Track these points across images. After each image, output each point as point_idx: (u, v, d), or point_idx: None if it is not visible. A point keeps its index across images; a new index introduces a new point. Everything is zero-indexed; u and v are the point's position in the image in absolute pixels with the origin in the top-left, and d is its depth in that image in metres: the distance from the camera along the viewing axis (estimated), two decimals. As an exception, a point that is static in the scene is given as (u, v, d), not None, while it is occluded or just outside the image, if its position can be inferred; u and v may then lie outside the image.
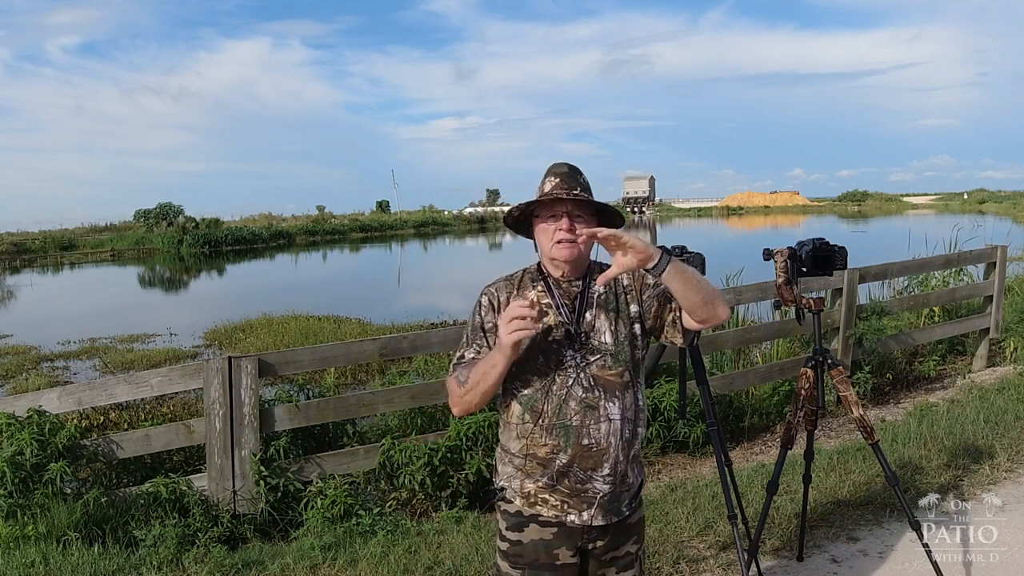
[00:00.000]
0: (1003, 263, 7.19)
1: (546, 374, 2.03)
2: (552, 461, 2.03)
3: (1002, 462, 4.52)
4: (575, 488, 2.03)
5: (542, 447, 2.04)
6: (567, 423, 2.01)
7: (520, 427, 2.06)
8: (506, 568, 2.10)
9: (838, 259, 3.10)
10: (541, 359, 2.04)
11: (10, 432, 3.99)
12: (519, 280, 2.15)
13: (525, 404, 2.05)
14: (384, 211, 79.05)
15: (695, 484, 4.38)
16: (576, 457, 2.01)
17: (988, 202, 69.19)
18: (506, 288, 2.13)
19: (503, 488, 2.13)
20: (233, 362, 4.12)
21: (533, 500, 2.07)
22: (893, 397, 6.48)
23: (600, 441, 2.02)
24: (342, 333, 12.54)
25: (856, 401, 3.11)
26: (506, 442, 2.13)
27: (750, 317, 7.89)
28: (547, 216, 2.07)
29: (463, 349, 2.13)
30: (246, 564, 3.60)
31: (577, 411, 2.01)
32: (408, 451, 4.38)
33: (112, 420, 5.85)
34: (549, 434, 2.03)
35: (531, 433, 2.04)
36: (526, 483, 2.07)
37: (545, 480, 2.04)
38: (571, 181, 2.06)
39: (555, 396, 2.02)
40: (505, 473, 2.13)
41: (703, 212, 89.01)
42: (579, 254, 2.07)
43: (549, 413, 2.02)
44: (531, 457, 2.06)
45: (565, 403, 2.02)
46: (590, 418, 2.01)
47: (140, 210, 51.73)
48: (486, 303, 2.12)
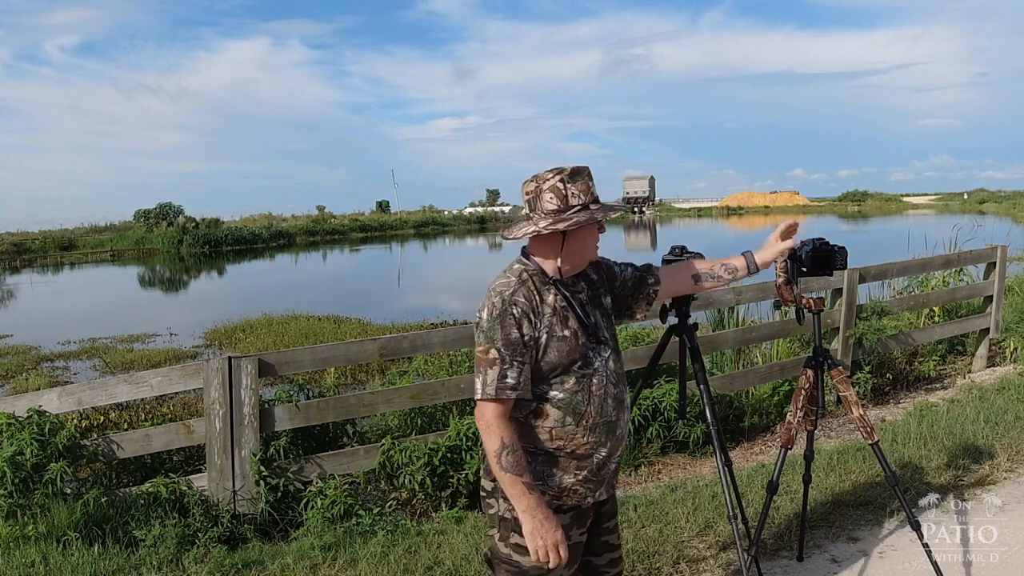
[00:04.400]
0: (1003, 263, 7.19)
1: (583, 377, 2.08)
2: (591, 456, 2.11)
3: (1002, 462, 4.52)
4: (600, 474, 2.15)
5: (583, 445, 2.09)
6: (608, 419, 2.12)
7: (558, 429, 2.06)
8: (530, 562, 2.06)
9: (838, 259, 3.09)
10: (579, 363, 2.07)
11: (10, 432, 3.99)
12: (531, 284, 2.07)
13: (566, 408, 2.06)
14: (384, 211, 79.08)
15: (695, 484, 4.38)
16: (612, 448, 2.15)
17: (988, 202, 69.19)
18: (529, 295, 2.05)
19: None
20: (233, 362, 4.12)
21: (567, 494, 2.11)
22: (893, 397, 6.48)
23: (624, 429, 2.19)
24: (342, 333, 12.55)
25: (856, 401, 3.11)
26: (531, 442, 2.07)
27: (750, 317, 7.89)
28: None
29: (501, 366, 1.97)
30: (246, 564, 3.60)
31: (614, 407, 2.13)
32: (408, 451, 4.38)
33: (112, 420, 5.84)
34: (592, 432, 2.09)
35: (572, 434, 2.07)
36: (564, 478, 2.10)
37: (585, 473, 2.11)
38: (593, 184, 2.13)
39: (596, 397, 2.09)
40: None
41: (703, 212, 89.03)
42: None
43: (592, 413, 2.08)
44: (568, 455, 2.09)
45: (604, 402, 2.11)
46: (620, 409, 2.16)
47: (140, 210, 51.88)
48: (519, 314, 1.99)
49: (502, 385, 1.97)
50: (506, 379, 1.97)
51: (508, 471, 1.97)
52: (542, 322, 2.03)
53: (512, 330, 1.98)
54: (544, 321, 2.04)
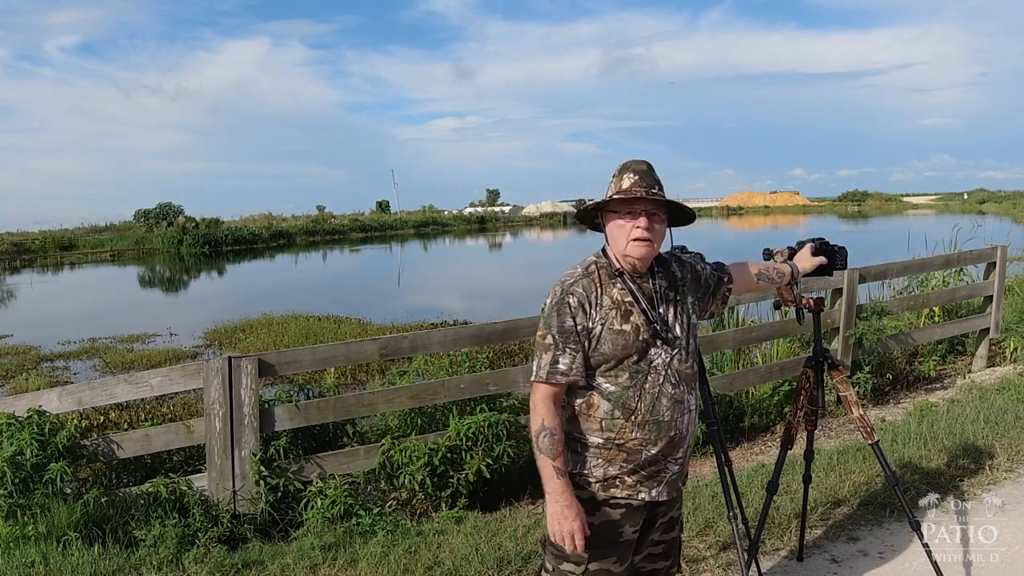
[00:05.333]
0: (1003, 263, 7.18)
1: (637, 373, 2.06)
2: (640, 451, 2.10)
3: (1002, 462, 4.52)
4: (652, 471, 2.12)
5: (631, 440, 2.09)
6: (660, 419, 2.08)
7: (607, 421, 2.08)
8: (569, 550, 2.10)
9: (838, 259, 3.09)
10: (635, 358, 2.06)
11: (10, 432, 3.99)
12: (598, 276, 2.10)
13: (615, 401, 2.07)
14: (384, 211, 79.03)
15: (695, 484, 4.38)
16: (664, 447, 2.11)
17: (988, 202, 69.12)
18: (591, 286, 2.08)
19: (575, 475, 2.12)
20: (233, 362, 4.12)
21: (611, 484, 2.11)
22: (893, 397, 6.48)
23: (683, 431, 2.13)
24: (342, 333, 12.55)
25: (856, 401, 3.11)
26: (582, 432, 2.11)
27: (750, 317, 7.89)
28: (624, 212, 2.07)
29: (554, 352, 2.04)
30: (246, 564, 3.60)
31: (668, 407, 2.09)
32: (408, 451, 4.38)
33: (112, 420, 5.84)
34: (641, 429, 2.08)
35: (620, 428, 2.08)
36: (609, 469, 2.10)
37: (631, 467, 2.10)
38: (649, 179, 2.08)
39: (648, 394, 2.07)
40: (577, 460, 2.12)
41: (703, 212, 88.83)
42: (652, 252, 2.10)
43: (643, 410, 2.07)
44: (617, 447, 2.10)
45: (658, 400, 2.08)
46: (678, 412, 2.11)
47: (140, 210, 51.75)
48: (575, 304, 2.06)
49: (553, 370, 2.04)
50: (558, 364, 2.03)
51: (543, 452, 2.03)
52: (598, 314, 2.05)
53: (567, 319, 2.04)
54: (601, 313, 2.06)
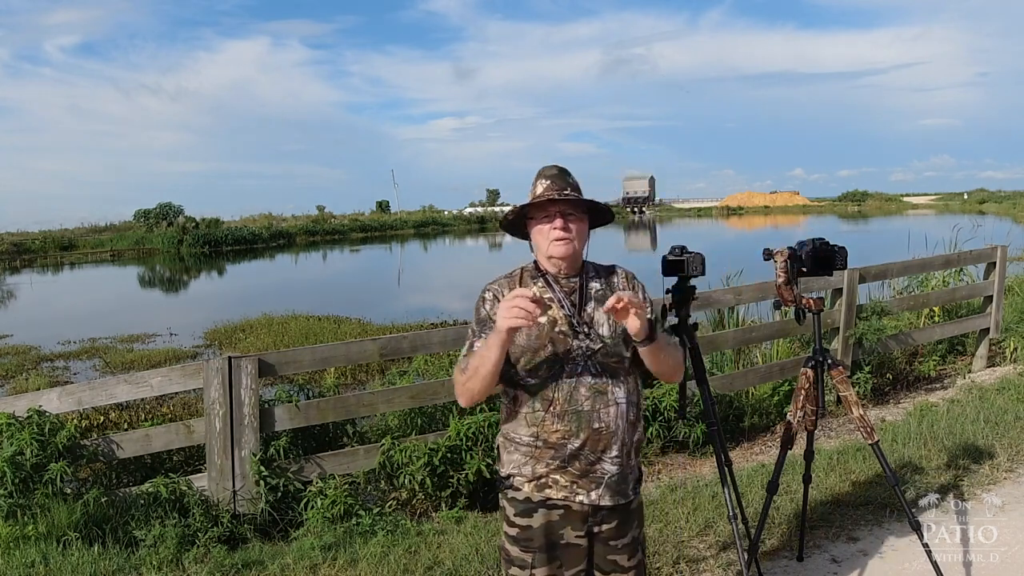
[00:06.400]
0: (1003, 263, 7.19)
1: (554, 363, 2.10)
2: (564, 445, 2.10)
3: (1002, 462, 4.52)
4: (585, 469, 2.11)
5: (554, 433, 2.10)
6: (579, 408, 2.10)
7: (531, 415, 2.12)
8: (516, 552, 2.16)
9: (838, 259, 3.10)
10: (549, 349, 2.10)
11: (10, 432, 3.99)
12: (519, 278, 2.22)
13: (535, 393, 2.12)
14: (384, 211, 79.09)
15: (695, 484, 4.38)
16: (587, 440, 2.10)
17: (988, 202, 69.16)
18: (507, 285, 2.20)
19: (509, 476, 2.17)
20: (233, 362, 4.12)
21: (543, 483, 2.12)
22: (893, 397, 6.48)
23: (609, 424, 2.11)
24: (342, 333, 12.55)
25: (856, 401, 3.11)
26: (512, 430, 2.18)
27: (750, 317, 7.88)
28: (541, 217, 2.16)
29: (471, 339, 2.17)
30: (246, 564, 3.60)
31: (587, 396, 2.10)
32: (408, 451, 4.38)
33: (112, 420, 5.85)
34: (561, 420, 2.10)
35: (542, 420, 2.11)
36: (537, 467, 2.13)
37: (557, 463, 2.11)
38: (561, 182, 2.15)
39: (565, 383, 2.10)
40: (511, 461, 2.17)
41: (703, 212, 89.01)
42: (575, 251, 2.16)
43: (560, 400, 2.10)
44: (542, 443, 2.12)
45: (576, 389, 2.10)
46: (600, 402, 2.11)
47: (140, 210, 51.88)
48: (490, 297, 2.19)
49: (470, 352, 2.14)
50: (472, 347, 2.14)
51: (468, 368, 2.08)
52: None
53: (481, 310, 2.18)
54: None
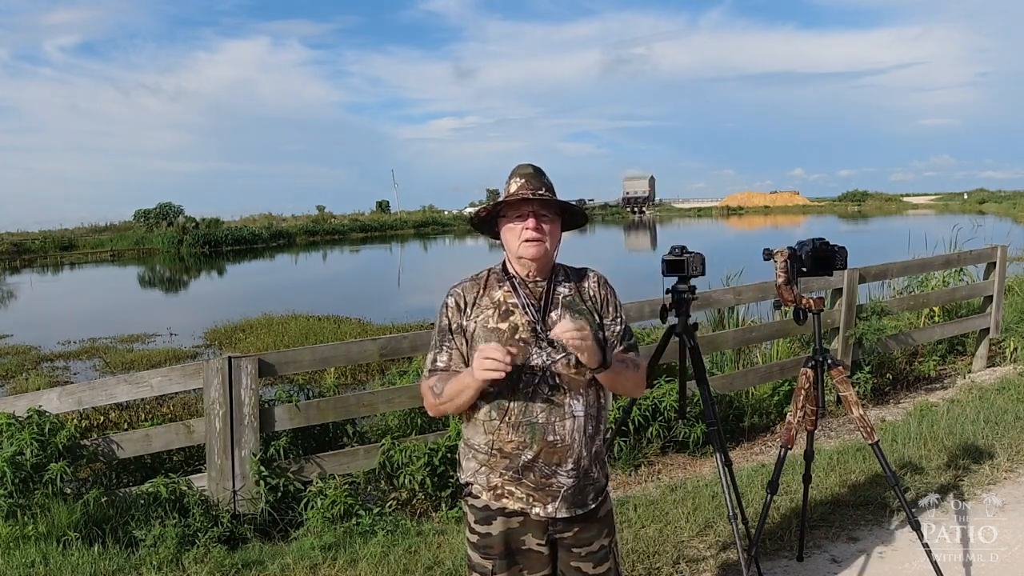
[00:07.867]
0: (1003, 263, 7.19)
1: (513, 371, 1.97)
2: (518, 456, 2.07)
3: (1002, 462, 4.52)
4: (540, 482, 2.08)
5: (508, 443, 2.07)
6: (533, 420, 2.05)
7: (487, 423, 2.09)
8: (477, 559, 2.16)
9: (838, 259, 3.10)
10: None
11: (10, 432, 3.99)
12: (485, 280, 2.17)
13: (491, 400, 2.08)
14: (384, 211, 79.05)
15: (695, 484, 4.38)
16: (541, 452, 2.06)
17: (988, 202, 69.12)
18: (472, 288, 2.15)
19: (468, 483, 2.17)
20: (233, 362, 4.12)
21: (500, 493, 2.11)
22: (893, 397, 6.48)
23: (564, 437, 2.06)
24: (342, 333, 12.55)
25: (856, 401, 3.11)
26: (470, 437, 2.16)
27: (750, 317, 7.88)
28: (514, 216, 2.11)
29: (434, 352, 2.15)
30: (246, 564, 3.60)
31: (543, 409, 2.05)
32: (408, 451, 4.38)
33: (112, 420, 5.85)
34: (515, 430, 2.06)
35: (497, 429, 2.08)
36: (491, 476, 2.11)
37: (511, 474, 2.09)
38: (536, 181, 2.11)
39: (521, 394, 2.05)
40: (470, 468, 2.17)
41: (703, 212, 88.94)
42: (545, 252, 2.11)
43: (515, 410, 2.05)
44: (497, 452, 2.09)
45: (531, 401, 2.05)
46: (555, 415, 2.05)
47: (140, 210, 51.84)
48: (452, 304, 2.14)
49: (433, 368, 2.14)
50: (436, 362, 2.14)
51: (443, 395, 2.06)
52: (475, 312, 2.10)
53: (443, 318, 2.14)
54: (478, 312, 2.10)
